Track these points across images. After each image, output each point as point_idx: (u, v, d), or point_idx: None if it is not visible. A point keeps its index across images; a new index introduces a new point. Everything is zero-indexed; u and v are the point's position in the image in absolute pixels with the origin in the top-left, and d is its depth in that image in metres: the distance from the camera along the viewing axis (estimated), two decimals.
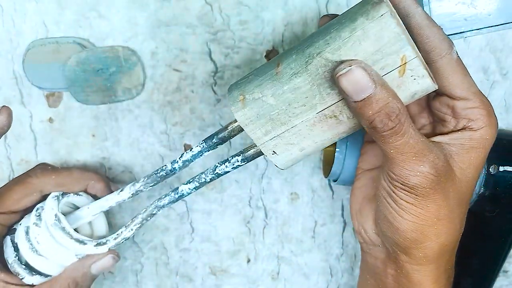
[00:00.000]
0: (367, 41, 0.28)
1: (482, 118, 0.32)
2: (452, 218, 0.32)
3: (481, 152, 0.32)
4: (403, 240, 0.32)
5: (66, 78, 0.43)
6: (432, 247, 0.32)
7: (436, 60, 0.31)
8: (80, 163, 0.46)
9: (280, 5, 0.44)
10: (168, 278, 0.49)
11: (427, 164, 0.30)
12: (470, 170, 0.32)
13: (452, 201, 0.32)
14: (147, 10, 0.44)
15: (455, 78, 0.31)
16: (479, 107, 0.32)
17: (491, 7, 0.41)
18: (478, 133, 0.32)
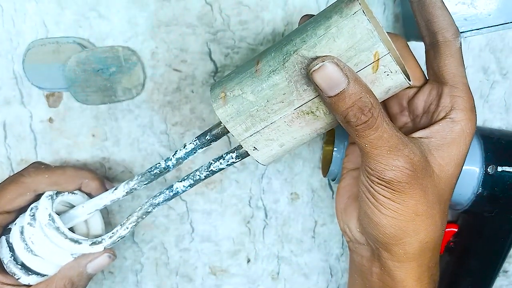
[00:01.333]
0: (341, 38, 0.29)
1: (464, 110, 0.32)
2: (432, 214, 0.32)
3: (462, 147, 0.32)
4: (382, 236, 0.32)
5: (66, 78, 0.43)
6: (411, 243, 0.32)
7: (441, 42, 0.32)
8: (80, 163, 0.46)
9: (280, 5, 0.44)
10: (168, 278, 0.49)
11: (401, 159, 0.30)
12: (450, 167, 0.32)
13: (430, 197, 0.32)
14: (147, 10, 0.44)
15: (451, 64, 0.32)
16: (464, 97, 0.32)
17: (491, 7, 0.40)
18: (458, 126, 0.32)
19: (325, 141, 0.47)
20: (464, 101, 0.32)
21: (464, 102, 0.32)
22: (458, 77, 0.33)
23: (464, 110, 0.32)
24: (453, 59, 0.33)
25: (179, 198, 0.48)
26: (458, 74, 0.33)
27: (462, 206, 0.43)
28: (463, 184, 0.42)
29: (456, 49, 0.33)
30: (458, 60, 0.33)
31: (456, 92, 0.32)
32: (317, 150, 0.48)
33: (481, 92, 0.47)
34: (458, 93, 0.32)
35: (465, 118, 0.32)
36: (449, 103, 0.32)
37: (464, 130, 0.32)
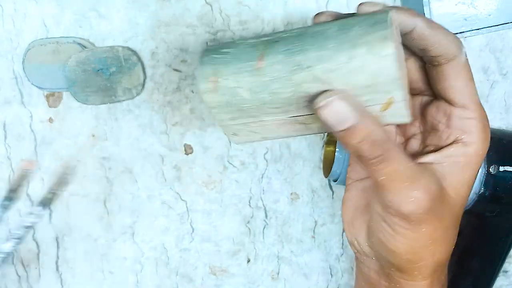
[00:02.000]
0: (362, 74, 0.27)
1: (476, 132, 0.30)
2: (447, 237, 0.32)
3: (475, 169, 0.31)
4: (398, 261, 0.32)
5: (66, 78, 0.43)
6: (427, 266, 0.32)
7: (442, 64, 0.30)
8: (80, 163, 0.46)
9: (280, 5, 0.44)
10: (168, 278, 0.49)
11: (420, 189, 0.29)
12: (464, 188, 0.31)
13: (446, 222, 0.31)
14: (147, 10, 0.44)
15: (458, 83, 0.30)
16: (476, 118, 0.30)
17: (491, 7, 0.41)
18: (471, 149, 0.30)
19: (326, 142, 0.47)
20: (477, 122, 0.30)
21: (476, 124, 0.30)
22: (468, 96, 0.30)
23: (476, 132, 0.30)
24: (460, 78, 0.30)
25: (179, 198, 0.48)
26: (467, 93, 0.30)
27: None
28: None
29: (461, 66, 0.29)
30: (465, 77, 0.30)
31: (467, 114, 0.30)
32: (317, 150, 0.48)
33: (481, 92, 0.47)
34: (469, 114, 0.30)
35: (478, 140, 0.30)
36: (460, 126, 0.31)
37: (477, 152, 0.30)
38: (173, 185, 0.47)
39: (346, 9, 0.45)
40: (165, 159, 0.47)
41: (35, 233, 0.47)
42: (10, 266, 0.48)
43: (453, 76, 0.30)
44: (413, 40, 0.29)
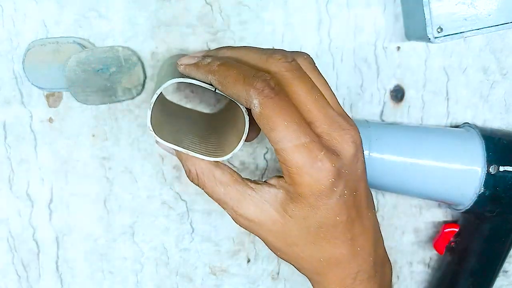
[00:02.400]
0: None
1: (282, 180, 0.32)
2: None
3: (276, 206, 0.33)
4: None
5: (66, 78, 0.43)
6: (303, 268, 0.35)
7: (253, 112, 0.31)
8: (80, 163, 0.46)
9: (280, 5, 0.44)
10: (168, 278, 0.49)
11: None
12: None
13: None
14: (147, 10, 0.44)
15: (265, 132, 0.31)
16: (283, 167, 0.31)
17: (491, 7, 0.40)
18: (273, 191, 0.33)
19: None
20: (284, 170, 0.31)
21: (284, 171, 0.31)
22: (274, 144, 0.30)
23: (282, 180, 0.32)
24: (264, 130, 0.30)
25: (179, 198, 0.48)
26: (273, 141, 0.30)
27: (464, 206, 0.43)
28: (465, 184, 0.42)
29: (257, 117, 0.30)
30: (265, 127, 0.30)
31: (279, 159, 0.31)
32: None
33: (481, 92, 0.47)
34: (281, 160, 0.31)
35: (282, 186, 0.32)
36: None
37: (276, 196, 0.32)
38: (173, 185, 0.47)
39: (346, 9, 0.45)
40: (165, 159, 0.47)
41: (35, 233, 0.47)
42: (10, 266, 0.48)
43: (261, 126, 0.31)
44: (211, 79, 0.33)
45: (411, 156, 0.42)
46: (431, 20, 0.40)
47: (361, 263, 0.34)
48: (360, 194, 0.33)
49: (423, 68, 0.46)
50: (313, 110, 0.31)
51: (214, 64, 0.32)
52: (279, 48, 0.45)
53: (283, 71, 0.31)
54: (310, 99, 0.31)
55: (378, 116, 0.47)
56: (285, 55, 0.32)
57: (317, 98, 0.31)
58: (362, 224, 0.33)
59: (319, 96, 0.32)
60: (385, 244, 0.49)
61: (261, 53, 0.32)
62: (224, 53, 0.35)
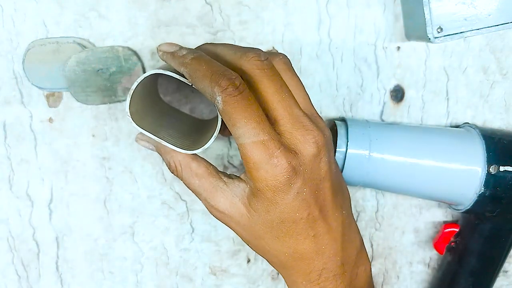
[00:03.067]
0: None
1: (245, 176, 0.34)
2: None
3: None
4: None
5: (66, 78, 0.43)
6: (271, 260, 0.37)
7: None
8: (80, 163, 0.46)
9: (280, 5, 0.44)
10: (168, 278, 0.49)
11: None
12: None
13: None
14: (147, 10, 0.44)
15: (228, 128, 0.32)
16: (244, 162, 0.32)
17: (491, 7, 0.40)
18: (243, 186, 0.34)
19: None
20: (244, 165, 0.32)
21: (245, 166, 0.33)
22: (237, 140, 0.32)
23: (245, 176, 0.34)
24: (228, 125, 0.32)
25: (179, 198, 0.48)
26: (235, 137, 0.32)
27: (464, 206, 0.43)
28: (466, 184, 0.42)
29: (221, 113, 0.32)
30: (228, 123, 0.32)
31: (240, 154, 0.33)
32: None
33: (481, 92, 0.47)
34: (241, 155, 0.32)
35: (246, 180, 0.34)
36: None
37: (244, 190, 0.34)
38: (173, 185, 0.47)
39: (346, 9, 0.45)
40: None
41: (35, 233, 0.47)
42: (10, 266, 0.48)
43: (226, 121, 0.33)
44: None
45: (411, 156, 0.42)
46: (431, 20, 0.40)
47: (326, 261, 0.35)
48: (324, 194, 0.34)
49: (423, 68, 0.46)
50: (279, 109, 0.32)
51: (188, 57, 0.33)
52: (280, 48, 0.45)
53: (255, 68, 0.32)
54: (277, 98, 0.32)
55: (378, 116, 0.47)
56: (258, 53, 0.33)
57: (284, 98, 0.33)
58: (326, 223, 0.34)
59: (287, 95, 0.33)
60: (385, 244, 0.50)
61: (237, 50, 0.34)
62: (205, 48, 0.36)
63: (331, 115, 0.47)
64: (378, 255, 0.50)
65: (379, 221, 0.49)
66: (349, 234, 0.37)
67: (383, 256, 0.50)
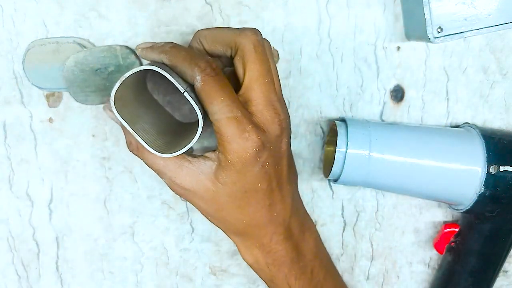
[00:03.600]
0: None
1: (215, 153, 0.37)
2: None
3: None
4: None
5: (64, 79, 0.43)
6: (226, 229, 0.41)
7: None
8: (80, 163, 0.46)
9: (280, 5, 0.44)
10: (168, 278, 0.49)
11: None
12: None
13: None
14: (147, 10, 0.44)
15: (205, 106, 0.36)
16: (218, 136, 0.36)
17: (491, 7, 0.40)
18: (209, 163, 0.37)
19: (327, 142, 0.47)
20: (218, 139, 0.36)
21: (219, 140, 0.36)
22: (212, 117, 0.36)
23: (216, 152, 0.37)
24: (204, 103, 0.36)
25: (179, 198, 0.48)
26: (212, 115, 0.35)
27: (464, 206, 0.43)
28: (466, 184, 0.42)
29: (199, 91, 0.35)
30: (205, 100, 0.35)
31: (215, 130, 0.36)
32: (317, 150, 0.48)
33: (481, 92, 0.47)
34: (216, 130, 0.36)
35: (216, 157, 0.37)
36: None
37: (211, 167, 0.37)
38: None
39: (346, 9, 0.45)
40: None
41: (35, 233, 0.47)
42: (10, 266, 0.48)
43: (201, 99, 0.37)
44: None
45: (411, 156, 0.42)
46: (431, 20, 0.40)
47: (277, 226, 0.39)
48: (282, 168, 0.38)
49: (423, 68, 0.46)
50: (257, 91, 0.36)
51: (167, 46, 0.37)
52: (280, 48, 0.45)
53: (251, 46, 0.36)
54: (260, 81, 0.36)
55: (378, 116, 0.47)
56: (257, 32, 0.37)
57: (266, 82, 0.36)
58: (281, 193, 0.39)
59: (269, 80, 0.37)
60: (385, 244, 0.50)
61: (235, 29, 0.38)
62: (200, 34, 0.39)
63: (331, 115, 0.47)
64: (378, 255, 0.50)
65: (379, 221, 0.49)
66: (296, 205, 0.41)
67: (383, 256, 0.50)
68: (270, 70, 0.37)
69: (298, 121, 0.47)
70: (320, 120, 0.47)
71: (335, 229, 0.49)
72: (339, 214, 0.49)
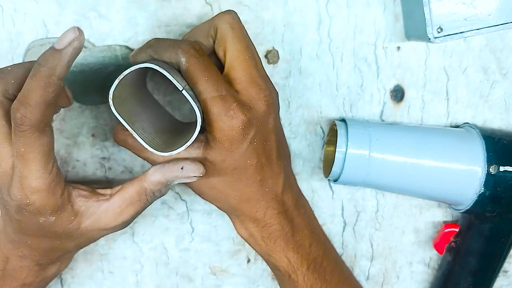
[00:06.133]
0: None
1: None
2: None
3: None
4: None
5: (64, 79, 0.43)
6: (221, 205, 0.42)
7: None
8: (80, 163, 0.46)
9: (280, 5, 0.44)
10: (168, 278, 0.49)
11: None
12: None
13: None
14: (147, 10, 0.44)
15: (191, 86, 0.36)
16: (205, 115, 0.37)
17: (491, 7, 0.40)
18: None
19: (327, 142, 0.47)
20: (206, 118, 0.37)
21: (206, 119, 0.37)
22: (205, 93, 0.36)
23: (204, 133, 0.38)
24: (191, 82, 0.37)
25: (179, 198, 0.48)
26: (196, 92, 0.37)
27: (464, 206, 0.43)
28: (465, 184, 0.42)
29: (185, 72, 0.36)
30: (193, 79, 0.36)
31: (203, 109, 0.37)
32: (317, 150, 0.48)
33: (481, 92, 0.47)
34: (203, 109, 0.37)
35: (205, 138, 0.38)
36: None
37: (200, 148, 0.38)
38: None
39: (346, 9, 0.45)
40: None
41: None
42: None
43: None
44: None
45: (411, 156, 0.42)
46: (431, 20, 0.40)
47: (269, 200, 0.40)
48: (271, 145, 0.39)
49: (423, 68, 0.46)
50: (239, 69, 0.37)
51: (151, 40, 0.38)
52: (280, 48, 0.45)
53: (227, 25, 0.37)
54: (241, 58, 0.37)
55: (378, 116, 0.47)
56: (231, 12, 0.38)
57: (247, 59, 0.37)
58: (271, 169, 0.40)
59: (250, 57, 0.37)
60: (385, 244, 0.50)
61: (212, 18, 0.39)
62: (184, 36, 0.41)
63: (331, 115, 0.47)
64: (378, 255, 0.50)
65: (379, 221, 0.49)
66: (288, 181, 0.42)
67: (383, 256, 0.50)
68: (250, 46, 0.38)
69: (298, 121, 0.47)
70: (320, 120, 0.47)
71: (335, 229, 0.49)
72: (339, 214, 0.49)
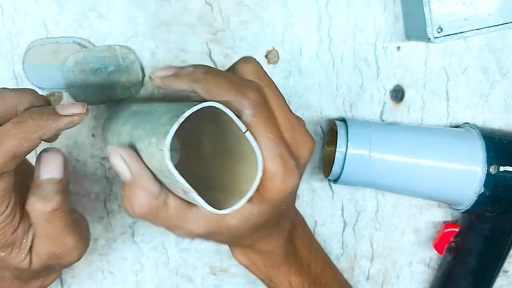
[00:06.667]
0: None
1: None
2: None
3: None
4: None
5: (64, 79, 0.43)
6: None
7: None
8: (80, 163, 0.46)
9: (280, 5, 0.44)
10: (168, 278, 0.49)
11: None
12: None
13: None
14: (147, 10, 0.44)
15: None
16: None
17: (491, 7, 0.41)
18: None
19: (326, 142, 0.47)
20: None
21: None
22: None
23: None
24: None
25: None
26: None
27: (464, 206, 0.43)
28: (465, 184, 0.42)
29: (248, 124, 0.30)
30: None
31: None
32: (317, 150, 0.48)
33: (481, 92, 0.47)
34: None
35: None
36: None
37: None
38: None
39: (346, 9, 0.45)
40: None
41: None
42: None
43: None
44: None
45: (411, 156, 0.42)
46: (431, 20, 0.40)
47: (281, 233, 0.38)
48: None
49: (423, 68, 0.46)
50: (282, 116, 0.32)
51: (198, 72, 0.32)
52: (280, 48, 0.45)
53: (250, 112, 0.31)
54: (281, 105, 0.32)
55: (378, 116, 0.47)
56: (258, 89, 0.32)
57: (283, 103, 0.32)
58: (287, 213, 0.38)
59: (284, 102, 0.33)
60: (385, 244, 0.50)
61: (233, 85, 0.31)
62: (195, 77, 0.32)
63: (331, 115, 0.47)
64: (378, 255, 0.50)
65: (379, 221, 0.49)
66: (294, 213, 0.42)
67: (383, 256, 0.50)
68: (280, 93, 0.33)
69: None
70: (320, 120, 0.47)
71: (335, 229, 0.49)
72: (339, 214, 0.49)
